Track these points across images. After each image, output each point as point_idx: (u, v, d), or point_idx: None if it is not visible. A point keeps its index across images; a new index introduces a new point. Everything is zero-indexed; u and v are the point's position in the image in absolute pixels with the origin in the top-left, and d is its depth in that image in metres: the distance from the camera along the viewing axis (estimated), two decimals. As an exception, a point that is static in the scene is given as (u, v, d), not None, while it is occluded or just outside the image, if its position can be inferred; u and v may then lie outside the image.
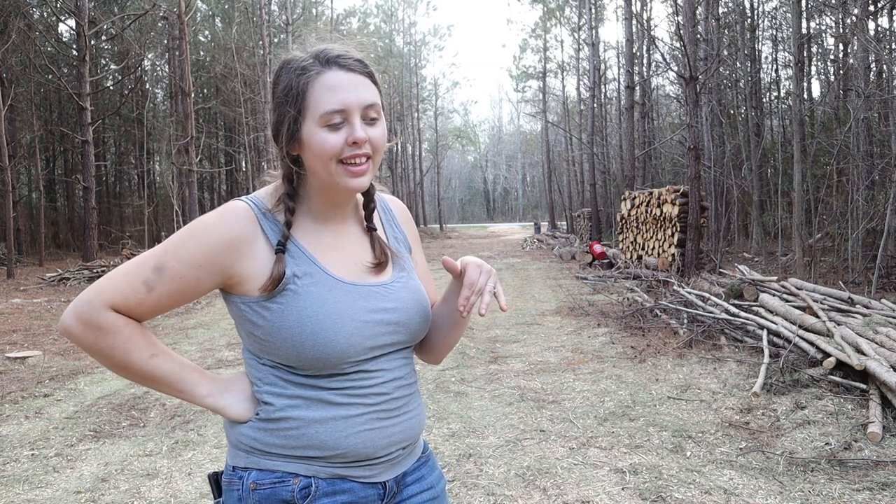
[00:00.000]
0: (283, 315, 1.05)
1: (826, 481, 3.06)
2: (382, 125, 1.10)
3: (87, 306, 1.03)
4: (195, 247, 1.04)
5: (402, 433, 1.15)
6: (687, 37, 11.23)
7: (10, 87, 18.07)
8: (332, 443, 1.07)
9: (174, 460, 3.58)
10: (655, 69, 23.12)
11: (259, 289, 1.06)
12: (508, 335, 6.98)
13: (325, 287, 1.07)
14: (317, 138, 1.05)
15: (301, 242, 1.10)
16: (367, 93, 1.07)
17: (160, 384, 1.09)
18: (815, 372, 4.47)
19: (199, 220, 1.08)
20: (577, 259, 16.25)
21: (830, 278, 9.68)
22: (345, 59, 1.06)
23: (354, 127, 1.05)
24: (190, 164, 17.55)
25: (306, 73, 1.05)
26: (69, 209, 26.23)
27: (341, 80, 1.05)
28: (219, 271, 1.06)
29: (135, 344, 1.05)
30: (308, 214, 1.13)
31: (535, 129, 54.43)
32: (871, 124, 11.84)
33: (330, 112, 1.04)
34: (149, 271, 1.04)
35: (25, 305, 10.12)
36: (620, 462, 3.39)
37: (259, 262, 1.06)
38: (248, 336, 1.10)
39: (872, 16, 12.81)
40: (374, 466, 1.12)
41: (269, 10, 24.69)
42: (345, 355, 1.06)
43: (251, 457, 1.09)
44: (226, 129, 29.79)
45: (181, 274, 1.04)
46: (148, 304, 1.05)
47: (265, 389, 1.09)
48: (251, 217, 1.08)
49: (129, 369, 1.07)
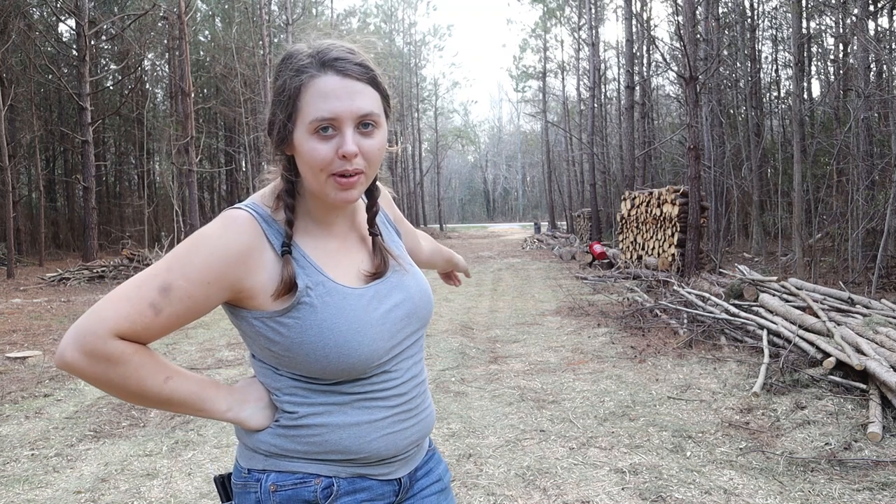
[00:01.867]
0: (302, 330, 1.01)
1: (826, 481, 3.06)
2: (380, 135, 1.04)
3: (91, 336, 0.94)
4: (202, 263, 0.98)
5: (420, 431, 1.15)
6: (687, 37, 11.22)
7: (10, 87, 18.06)
8: (355, 447, 1.07)
9: (174, 460, 3.58)
10: (655, 69, 23.12)
11: (272, 296, 1.02)
12: (508, 335, 6.98)
13: (338, 296, 1.05)
14: (306, 147, 1.00)
15: (304, 249, 1.06)
16: (364, 101, 1.00)
17: (179, 407, 1.04)
18: (815, 372, 4.47)
19: (201, 233, 1.02)
20: (577, 259, 16.25)
21: (830, 278, 9.67)
22: (343, 63, 1.00)
23: (345, 139, 0.99)
24: (190, 164, 17.55)
25: (300, 75, 1.00)
26: (69, 209, 26.22)
27: (336, 86, 0.99)
28: (228, 287, 1.00)
29: (147, 371, 0.99)
30: (308, 216, 1.10)
31: (535, 129, 54.40)
32: (871, 124, 11.84)
33: (319, 120, 0.98)
34: (155, 293, 0.96)
35: (25, 305, 10.12)
36: (620, 462, 3.39)
37: (267, 272, 1.02)
38: (264, 351, 1.06)
39: (872, 16, 12.80)
40: (392, 464, 1.12)
41: (269, 10, 24.69)
42: (370, 361, 1.05)
43: (270, 460, 1.07)
44: (226, 129, 29.79)
45: (189, 293, 0.98)
46: (155, 328, 0.98)
47: (286, 399, 1.07)
48: (255, 227, 1.03)
49: (145, 397, 1.00)
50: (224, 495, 1.13)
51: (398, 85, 37.50)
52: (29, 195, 24.28)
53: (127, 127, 25.75)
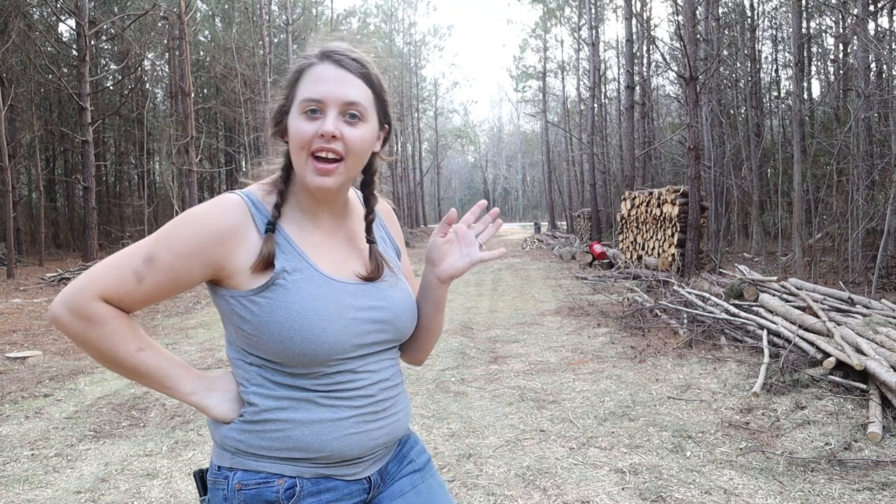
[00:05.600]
0: (271, 310, 1.04)
1: (826, 481, 3.06)
2: (365, 129, 1.08)
3: (77, 295, 1.02)
4: (186, 238, 1.03)
5: (388, 434, 1.15)
6: (687, 37, 11.22)
7: (10, 87, 18.05)
8: (317, 445, 1.07)
9: (174, 460, 3.58)
10: (655, 69, 23.13)
11: (249, 269, 1.05)
12: (508, 335, 6.98)
13: (314, 283, 1.07)
14: (293, 124, 1.06)
15: (290, 235, 1.10)
16: (352, 90, 1.06)
17: (146, 378, 1.08)
18: (815, 372, 4.47)
19: (190, 210, 1.07)
20: (577, 259, 16.25)
21: (830, 278, 9.67)
22: (339, 55, 1.07)
23: (326, 119, 1.04)
24: (190, 164, 17.56)
25: (302, 62, 1.09)
26: (69, 209, 26.22)
27: (329, 73, 1.06)
28: (210, 263, 1.05)
29: (122, 337, 1.04)
30: (298, 208, 1.13)
31: (535, 129, 54.42)
32: (871, 124, 11.85)
33: (307, 100, 1.05)
34: (139, 262, 1.03)
35: (25, 305, 10.12)
36: (620, 462, 3.39)
37: (250, 254, 1.06)
38: (236, 331, 1.09)
39: (872, 16, 12.80)
40: (357, 465, 1.13)
41: (269, 10, 24.70)
42: (332, 352, 1.06)
43: (236, 457, 1.09)
44: (226, 129, 29.79)
45: (172, 265, 1.03)
46: (137, 295, 1.04)
47: (252, 390, 1.09)
48: (243, 209, 1.08)
49: (115, 362, 1.06)
50: (202, 489, 1.15)
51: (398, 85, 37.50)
52: (29, 195, 24.28)
53: (127, 127, 25.75)
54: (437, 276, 1.20)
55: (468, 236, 1.20)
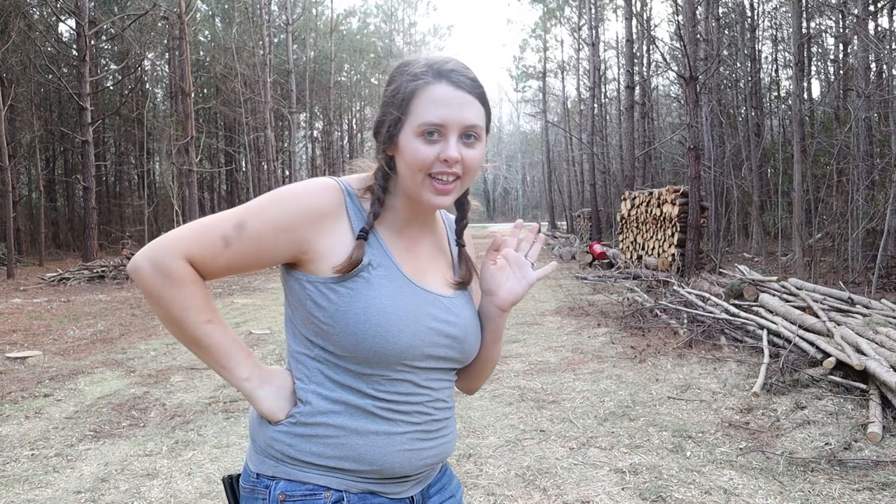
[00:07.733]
0: (351, 300, 1.02)
1: (826, 481, 3.06)
2: (480, 148, 1.08)
3: (163, 251, 1.00)
4: (282, 211, 1.03)
5: (437, 456, 1.14)
6: (687, 37, 11.23)
7: (10, 87, 18.06)
8: (370, 457, 1.05)
9: (174, 460, 3.58)
10: (655, 69, 23.14)
11: (333, 268, 1.03)
12: (508, 335, 6.98)
13: (396, 283, 1.06)
14: (411, 147, 1.04)
15: (381, 237, 1.09)
16: (471, 113, 1.05)
17: (205, 352, 1.05)
18: (815, 372, 4.47)
19: (285, 187, 1.06)
20: (577, 259, 16.26)
21: (830, 278, 9.67)
22: (457, 75, 1.05)
23: (449, 144, 1.03)
24: (190, 164, 17.57)
25: (416, 81, 1.04)
26: (69, 209, 26.22)
27: (448, 95, 1.04)
28: (297, 241, 1.03)
29: (195, 302, 1.02)
30: (392, 211, 1.11)
31: (535, 129, 54.42)
32: (871, 124, 11.85)
33: (428, 124, 1.03)
34: (230, 226, 1.02)
35: (25, 305, 10.12)
36: (620, 462, 3.39)
37: (337, 241, 1.05)
38: (306, 319, 1.06)
39: (872, 16, 12.81)
40: (404, 483, 1.11)
41: (269, 10, 24.70)
42: (402, 356, 1.04)
43: (281, 465, 1.06)
44: (226, 129, 29.80)
45: (260, 235, 1.02)
46: (221, 261, 1.03)
47: (310, 388, 1.06)
48: (340, 196, 1.07)
49: (181, 327, 1.03)
50: (233, 498, 1.12)
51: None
52: (29, 195, 24.28)
53: (127, 127, 25.76)
54: (498, 306, 1.17)
55: (518, 259, 1.18)
